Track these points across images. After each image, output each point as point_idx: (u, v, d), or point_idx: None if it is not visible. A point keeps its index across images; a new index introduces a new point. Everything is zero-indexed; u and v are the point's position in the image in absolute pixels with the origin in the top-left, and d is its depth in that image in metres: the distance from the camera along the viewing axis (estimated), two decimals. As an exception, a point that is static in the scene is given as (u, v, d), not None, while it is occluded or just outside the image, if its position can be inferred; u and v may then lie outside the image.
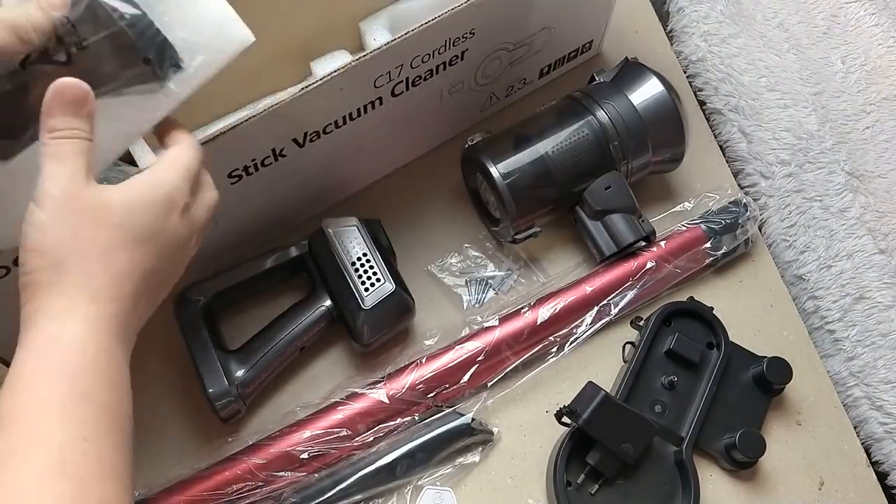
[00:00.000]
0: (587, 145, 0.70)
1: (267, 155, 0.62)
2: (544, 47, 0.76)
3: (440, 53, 0.65)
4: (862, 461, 0.69)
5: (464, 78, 0.71)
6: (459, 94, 0.72)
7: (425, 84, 0.67)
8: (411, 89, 0.66)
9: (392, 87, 0.64)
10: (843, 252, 0.77)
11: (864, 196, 0.79)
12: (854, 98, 0.84)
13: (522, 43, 0.72)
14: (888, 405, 0.72)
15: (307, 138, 0.63)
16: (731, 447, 0.64)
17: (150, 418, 0.66)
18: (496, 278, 0.73)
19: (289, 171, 0.65)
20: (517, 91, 0.80)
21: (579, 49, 0.81)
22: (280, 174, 0.64)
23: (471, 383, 0.66)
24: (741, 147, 0.82)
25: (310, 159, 0.65)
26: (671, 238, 0.72)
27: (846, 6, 0.90)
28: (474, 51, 0.68)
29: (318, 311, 0.66)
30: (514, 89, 0.79)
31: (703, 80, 0.85)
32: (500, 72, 0.74)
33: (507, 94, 0.79)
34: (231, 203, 0.64)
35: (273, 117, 0.57)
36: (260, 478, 0.61)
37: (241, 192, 0.63)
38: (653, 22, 0.88)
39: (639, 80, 0.72)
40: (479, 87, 0.74)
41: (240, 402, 0.63)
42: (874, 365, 0.73)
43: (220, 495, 0.60)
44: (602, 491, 0.62)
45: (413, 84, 0.66)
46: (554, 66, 0.81)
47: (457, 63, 0.67)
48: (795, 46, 0.86)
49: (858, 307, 0.75)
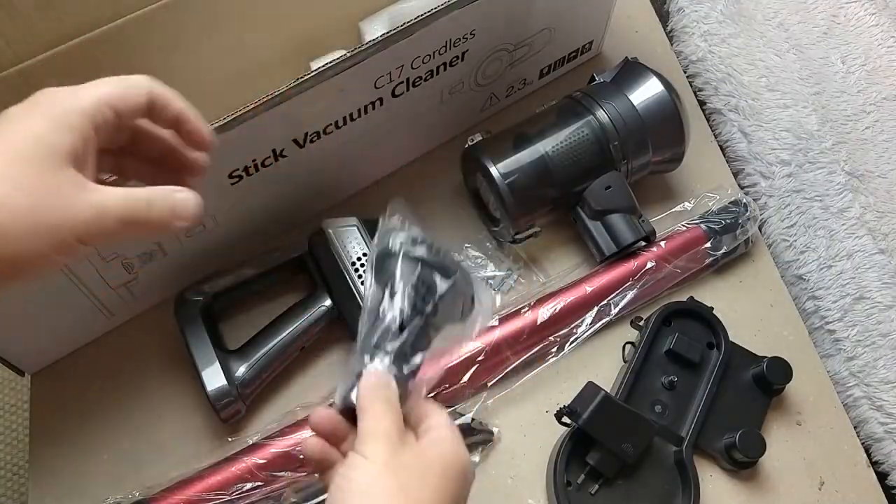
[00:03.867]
0: (587, 145, 0.70)
1: (267, 155, 0.61)
2: (544, 48, 0.76)
3: (440, 54, 0.64)
4: (862, 461, 0.69)
5: (464, 78, 0.71)
6: (459, 94, 0.72)
7: (426, 84, 0.67)
8: (412, 90, 0.66)
9: (392, 87, 0.64)
10: (844, 252, 0.77)
11: (864, 196, 0.79)
12: (854, 98, 0.84)
13: (523, 43, 0.72)
14: (888, 405, 0.72)
15: (307, 139, 0.63)
16: (731, 447, 0.63)
17: (151, 418, 0.66)
18: (496, 278, 0.73)
19: (289, 172, 0.65)
20: (517, 91, 0.80)
21: (579, 49, 0.81)
22: (280, 174, 0.64)
23: (471, 383, 0.66)
24: (741, 147, 0.82)
25: (310, 160, 0.65)
26: (671, 238, 0.72)
27: (846, 6, 0.90)
28: (474, 51, 0.68)
29: (318, 311, 0.66)
30: (515, 89, 0.79)
31: (703, 80, 0.85)
32: (500, 72, 0.74)
33: (507, 95, 0.79)
34: (231, 203, 0.64)
35: (273, 117, 0.57)
36: (260, 478, 0.61)
37: (241, 193, 0.63)
38: (653, 22, 0.88)
39: (639, 80, 0.72)
40: (479, 87, 0.74)
41: (240, 402, 0.63)
42: (874, 365, 0.73)
43: (220, 495, 0.60)
44: (602, 491, 0.62)
45: (413, 84, 0.66)
46: (554, 67, 0.81)
47: (457, 64, 0.67)
48: (795, 46, 0.86)
49: (858, 307, 0.75)
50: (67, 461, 0.65)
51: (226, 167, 0.60)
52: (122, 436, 0.66)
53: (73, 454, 0.65)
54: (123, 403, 0.67)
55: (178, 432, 0.66)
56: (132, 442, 0.66)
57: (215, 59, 0.67)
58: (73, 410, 0.67)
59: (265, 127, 0.58)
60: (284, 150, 0.62)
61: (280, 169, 0.63)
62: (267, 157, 0.62)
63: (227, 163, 0.60)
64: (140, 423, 0.67)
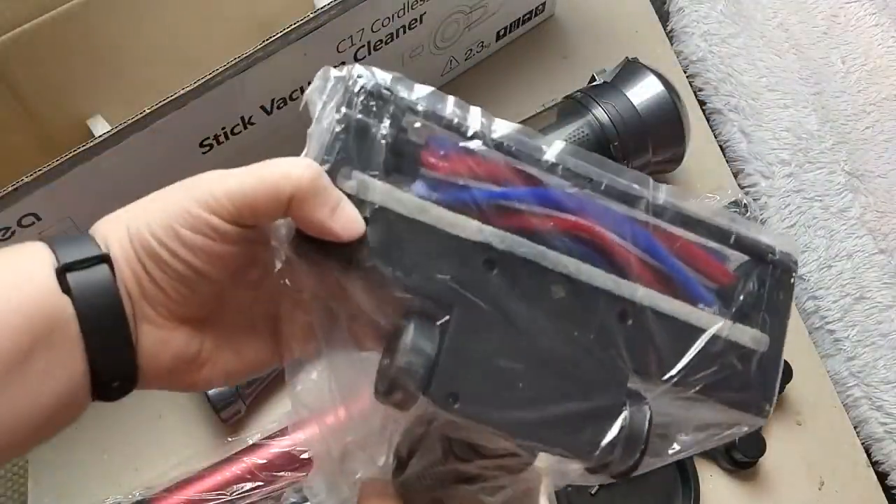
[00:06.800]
0: (587, 145, 0.70)
1: (236, 123, 0.62)
2: (500, 9, 0.77)
3: (399, 17, 0.66)
4: (862, 461, 0.69)
5: (423, 42, 0.72)
6: (420, 58, 0.74)
7: (386, 48, 0.68)
8: (373, 53, 0.67)
9: (355, 51, 0.65)
10: (844, 252, 0.77)
11: (864, 196, 0.79)
12: (854, 98, 0.84)
13: (478, 5, 0.74)
14: (888, 405, 0.72)
15: (274, 105, 0.63)
16: (731, 447, 0.63)
17: (151, 418, 0.66)
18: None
19: (259, 139, 0.65)
20: (476, 55, 0.81)
21: (533, 11, 0.83)
22: (250, 142, 0.64)
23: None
24: (741, 147, 0.82)
25: (278, 126, 0.66)
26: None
27: (846, 6, 0.90)
28: (432, 13, 0.69)
29: (318, 311, 0.66)
30: (473, 52, 0.81)
31: (703, 80, 0.85)
32: (458, 35, 0.75)
33: (466, 58, 0.81)
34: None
35: (239, 83, 0.57)
36: (260, 478, 0.61)
37: (214, 163, 0.63)
38: (653, 22, 0.88)
39: (639, 80, 0.72)
40: (438, 50, 0.75)
41: (239, 403, 0.63)
42: (874, 365, 0.73)
43: (220, 495, 0.60)
44: (602, 491, 0.62)
45: (374, 48, 0.67)
46: (510, 29, 0.82)
47: (416, 27, 0.69)
48: (795, 46, 0.86)
49: (859, 307, 0.75)
50: (67, 461, 0.65)
51: (196, 135, 0.60)
52: (122, 436, 0.66)
53: (72, 454, 0.65)
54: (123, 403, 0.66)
55: (178, 432, 0.66)
56: (132, 442, 0.66)
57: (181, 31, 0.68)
58: (73, 410, 0.67)
59: (233, 94, 0.58)
60: (253, 118, 0.62)
61: (250, 136, 0.64)
62: (236, 125, 0.62)
63: (198, 131, 0.60)
64: (140, 422, 0.66)
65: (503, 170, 0.32)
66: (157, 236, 0.31)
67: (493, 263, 0.31)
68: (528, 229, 0.32)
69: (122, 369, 0.32)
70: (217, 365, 0.35)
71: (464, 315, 0.31)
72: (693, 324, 0.34)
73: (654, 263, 0.33)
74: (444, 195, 0.31)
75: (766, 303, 0.35)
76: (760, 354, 0.34)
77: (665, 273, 0.33)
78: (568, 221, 0.32)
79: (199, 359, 0.34)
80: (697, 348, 0.33)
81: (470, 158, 0.32)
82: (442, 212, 0.31)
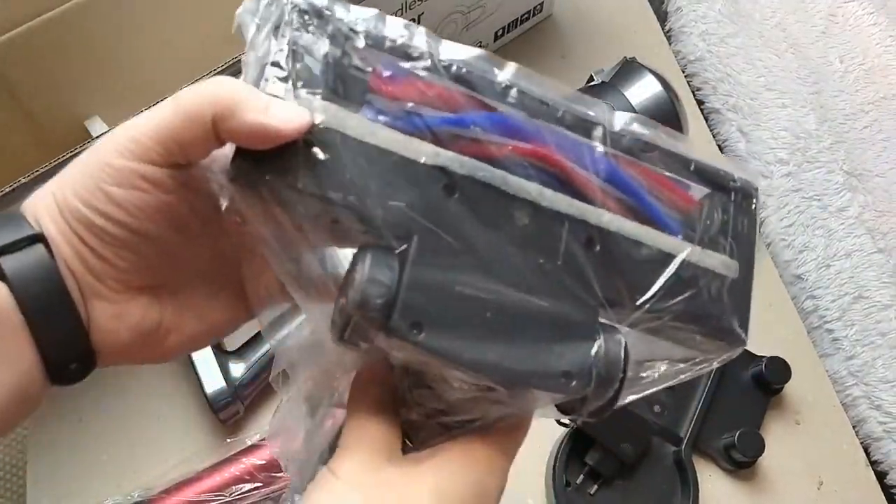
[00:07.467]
0: (586, 145, 0.70)
1: None
2: (498, 9, 0.77)
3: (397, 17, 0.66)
4: (861, 460, 0.69)
5: None
6: None
7: None
8: None
9: None
10: (842, 251, 0.77)
11: (862, 195, 0.79)
12: (852, 97, 0.84)
13: (476, 5, 0.74)
14: (887, 404, 0.72)
15: None
16: (730, 447, 0.64)
17: (150, 419, 0.66)
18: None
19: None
20: None
21: (531, 11, 0.83)
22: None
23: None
24: (740, 146, 0.82)
25: None
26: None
27: (844, 5, 0.90)
28: (430, 13, 0.69)
29: (317, 312, 0.66)
30: None
31: (701, 80, 0.85)
32: (456, 35, 0.75)
33: None
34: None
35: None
36: (259, 479, 0.61)
37: None
38: (651, 21, 0.88)
39: (637, 80, 0.72)
40: None
41: (238, 403, 0.63)
42: (873, 364, 0.73)
43: (219, 496, 0.60)
44: (601, 491, 0.62)
45: None
46: (508, 29, 0.83)
47: None
48: (794, 46, 0.86)
49: (857, 306, 0.75)
50: (66, 461, 0.65)
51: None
52: (122, 436, 0.66)
53: (71, 454, 0.65)
54: (122, 403, 0.67)
55: (178, 433, 0.66)
56: (131, 442, 0.66)
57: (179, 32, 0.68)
58: (71, 410, 0.67)
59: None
60: None
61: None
62: None
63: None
64: (139, 423, 0.66)
65: (456, 95, 0.30)
66: (85, 200, 0.28)
67: (452, 189, 0.29)
68: (487, 156, 0.30)
69: (76, 351, 0.30)
70: (183, 332, 0.33)
71: (423, 244, 0.28)
72: (662, 249, 0.32)
73: (617, 192, 0.32)
74: (396, 120, 0.29)
75: (731, 230, 0.34)
76: (731, 280, 0.33)
77: (628, 201, 0.32)
78: (527, 149, 0.30)
79: (161, 329, 0.32)
80: (669, 273, 0.32)
81: (420, 82, 0.29)
82: (395, 134, 0.29)
